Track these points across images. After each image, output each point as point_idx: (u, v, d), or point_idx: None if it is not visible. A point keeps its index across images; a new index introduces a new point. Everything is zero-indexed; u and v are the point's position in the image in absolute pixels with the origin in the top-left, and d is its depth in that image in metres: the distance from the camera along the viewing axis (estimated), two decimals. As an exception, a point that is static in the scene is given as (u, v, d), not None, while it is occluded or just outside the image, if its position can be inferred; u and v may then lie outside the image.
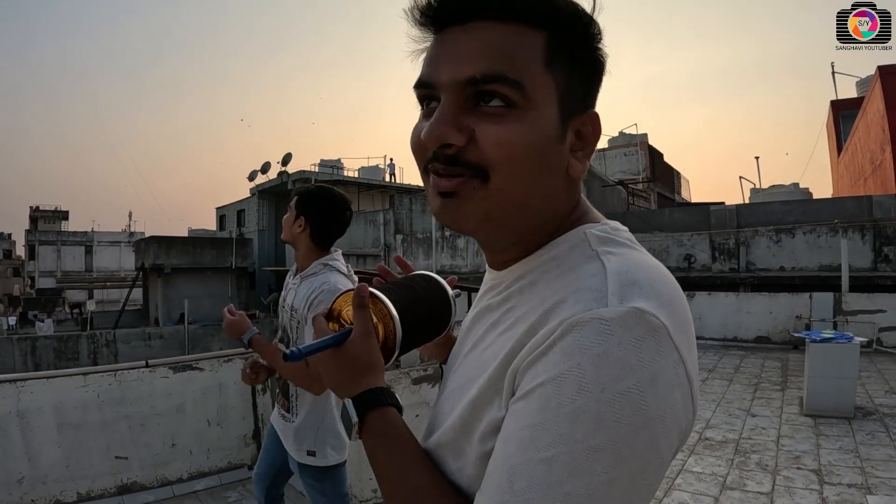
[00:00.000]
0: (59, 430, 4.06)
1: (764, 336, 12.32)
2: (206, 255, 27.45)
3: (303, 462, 2.30)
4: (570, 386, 0.56)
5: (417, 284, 0.92)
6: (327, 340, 0.78)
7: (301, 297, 2.25)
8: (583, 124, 0.71)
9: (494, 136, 0.65)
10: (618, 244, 0.70)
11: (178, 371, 4.60)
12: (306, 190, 2.41)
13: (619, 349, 0.56)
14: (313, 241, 2.34)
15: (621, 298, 0.59)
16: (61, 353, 18.69)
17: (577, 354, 0.57)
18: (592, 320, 0.58)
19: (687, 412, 0.61)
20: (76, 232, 47.51)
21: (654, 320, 0.58)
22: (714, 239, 16.18)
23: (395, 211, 23.44)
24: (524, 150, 0.65)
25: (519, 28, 0.65)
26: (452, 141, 0.65)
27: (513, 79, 0.64)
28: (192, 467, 4.54)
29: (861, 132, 19.36)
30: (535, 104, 0.65)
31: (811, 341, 6.92)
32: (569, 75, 0.67)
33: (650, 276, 0.64)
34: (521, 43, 0.65)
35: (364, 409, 0.76)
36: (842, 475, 4.81)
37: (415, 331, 0.86)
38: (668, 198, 30.29)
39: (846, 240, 13.39)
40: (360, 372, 0.78)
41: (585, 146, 0.71)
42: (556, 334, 0.60)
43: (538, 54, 0.65)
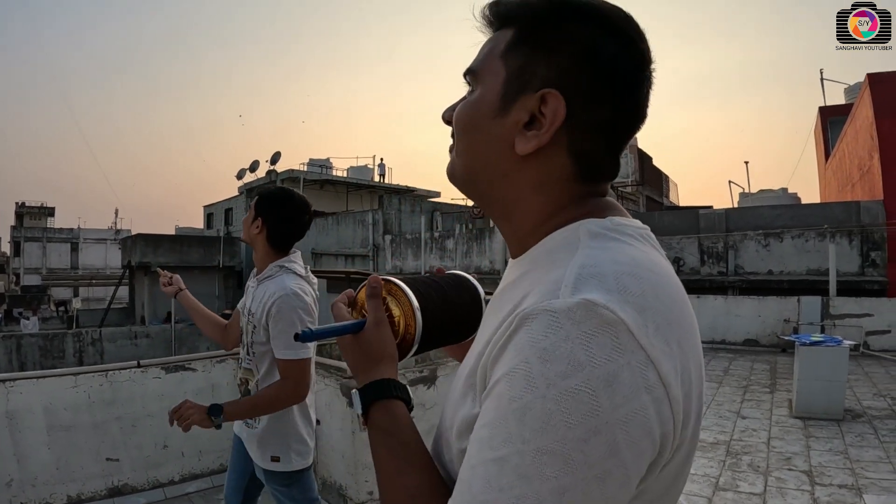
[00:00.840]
0: (49, 432, 4.00)
1: (752, 339, 12.41)
2: (193, 253, 27.28)
3: (268, 468, 2.28)
4: (518, 381, 0.55)
5: (447, 283, 0.92)
6: (340, 327, 0.79)
7: (258, 302, 2.22)
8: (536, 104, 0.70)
9: (455, 112, 0.78)
10: (610, 239, 0.67)
11: (171, 371, 4.55)
12: (266, 191, 2.37)
13: (567, 343, 0.54)
14: (270, 243, 2.29)
15: (574, 290, 0.57)
16: (47, 352, 18.50)
17: (526, 348, 0.56)
18: (542, 312, 0.56)
19: (664, 420, 0.55)
20: (62, 229, 47.04)
21: (607, 314, 0.55)
22: (703, 242, 16.27)
23: (384, 211, 23.42)
24: (463, 120, 0.77)
25: (502, 31, 0.76)
26: (446, 117, 0.81)
27: (472, 68, 0.77)
28: (184, 469, 4.50)
29: (849, 138, 19.52)
30: (480, 84, 0.76)
31: (801, 344, 6.99)
32: (523, 59, 0.72)
33: (623, 270, 0.60)
34: (492, 42, 0.76)
35: (368, 399, 0.77)
36: (832, 476, 4.86)
37: (439, 328, 0.86)
38: (657, 201, 30.47)
39: (834, 244, 13.53)
40: (372, 361, 0.79)
41: (541, 125, 0.70)
42: (511, 328, 0.59)
43: (500, 47, 0.74)
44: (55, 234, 45.92)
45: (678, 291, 0.66)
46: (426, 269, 20.66)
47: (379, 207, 24.01)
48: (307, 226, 2.36)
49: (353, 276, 8.80)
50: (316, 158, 32.31)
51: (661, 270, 0.65)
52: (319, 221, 24.99)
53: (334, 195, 30.63)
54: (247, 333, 2.29)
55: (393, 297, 0.83)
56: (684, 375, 0.59)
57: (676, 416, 0.57)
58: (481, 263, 19.83)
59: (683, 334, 0.61)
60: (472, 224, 21.63)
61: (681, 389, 0.58)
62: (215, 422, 2.11)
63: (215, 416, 2.11)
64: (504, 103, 0.72)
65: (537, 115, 0.70)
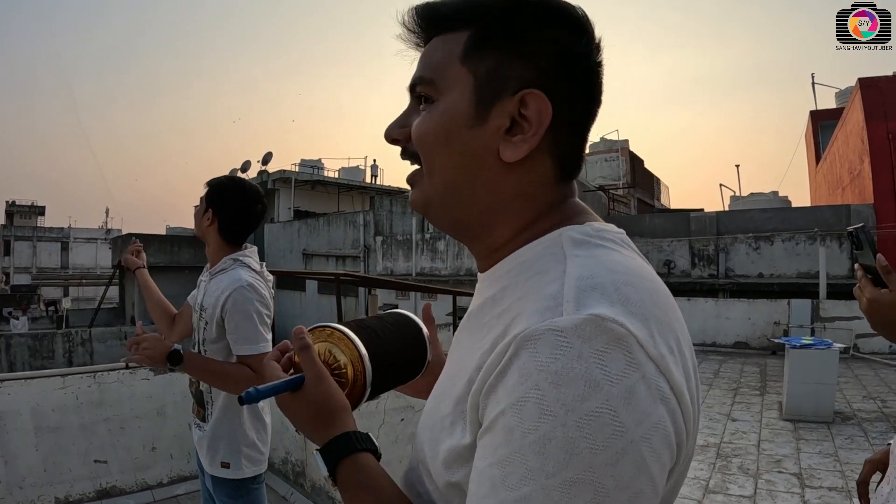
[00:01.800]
0: (37, 433, 3.97)
1: (742, 341, 12.47)
2: (184, 253, 27.11)
3: (216, 475, 2.10)
4: (531, 411, 0.51)
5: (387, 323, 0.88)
6: (284, 383, 0.73)
7: (210, 295, 2.09)
8: (516, 107, 0.67)
9: (415, 128, 0.71)
10: (594, 246, 0.64)
11: (159, 373, 4.51)
12: (216, 181, 2.23)
13: (580, 363, 0.50)
14: (222, 235, 2.16)
15: (578, 305, 0.54)
16: (36, 352, 18.38)
17: (534, 374, 0.51)
18: (546, 332, 0.53)
19: (679, 428, 0.54)
20: (52, 228, 46.77)
21: (617, 328, 0.52)
22: (694, 245, 16.34)
23: (376, 212, 23.35)
24: (433, 135, 0.69)
25: (449, 35, 0.71)
26: (395, 136, 0.74)
27: (427, 77, 0.70)
28: (172, 471, 4.47)
29: (840, 142, 19.65)
30: (444, 95, 0.69)
31: (791, 347, 7.02)
32: (492, 62, 0.68)
33: (620, 280, 0.58)
34: (443, 46, 0.71)
35: (333, 459, 0.72)
36: (822, 478, 4.89)
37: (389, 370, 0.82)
38: (648, 204, 30.53)
39: (824, 248, 13.61)
40: (324, 418, 0.73)
41: (525, 131, 0.67)
42: (511, 352, 0.54)
43: (455, 52, 0.69)
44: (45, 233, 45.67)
45: (668, 296, 0.64)
46: (417, 270, 20.65)
47: (370, 208, 23.93)
48: (261, 216, 2.24)
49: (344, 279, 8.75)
50: (308, 159, 32.20)
51: (650, 276, 0.64)
52: (310, 222, 24.91)
53: (326, 196, 30.53)
54: (198, 330, 2.15)
55: (335, 345, 0.78)
56: (689, 381, 0.58)
57: (688, 424, 0.56)
58: (472, 265, 19.80)
59: (681, 339, 0.60)
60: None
61: (689, 395, 0.57)
62: (171, 368, 1.98)
63: (173, 363, 1.97)
64: (479, 110, 0.68)
65: (518, 119, 0.67)
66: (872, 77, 15.82)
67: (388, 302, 20.13)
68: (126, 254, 2.45)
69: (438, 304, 18.68)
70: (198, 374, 2.08)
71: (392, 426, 4.02)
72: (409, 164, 0.76)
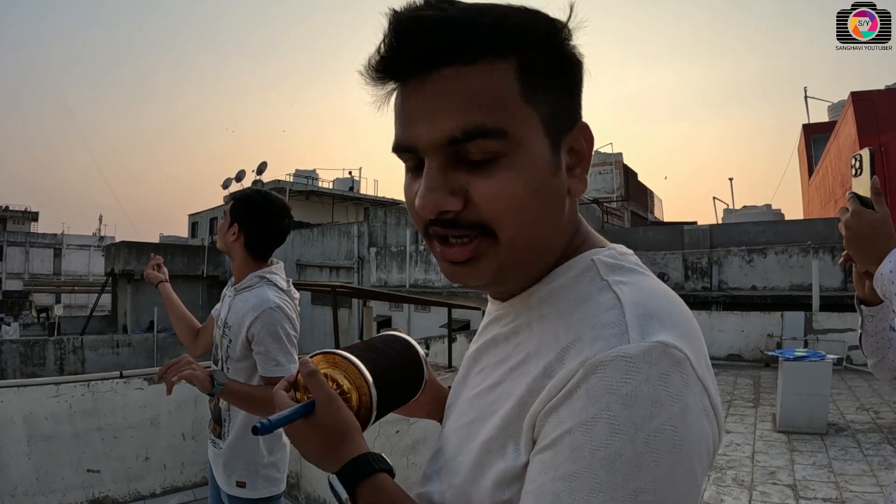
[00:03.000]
0: (30, 442, 3.94)
1: (736, 354, 12.48)
2: (177, 262, 27.03)
3: (232, 494, 2.06)
4: (601, 430, 0.54)
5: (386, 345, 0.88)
6: (296, 410, 0.72)
7: (236, 313, 2.05)
8: (574, 140, 0.66)
9: (489, 192, 0.61)
10: (627, 271, 0.67)
11: (153, 383, 4.49)
12: (241, 195, 2.20)
13: (647, 386, 0.54)
14: (248, 251, 2.12)
15: (642, 333, 0.57)
16: (27, 359, 18.29)
17: (604, 396, 0.54)
18: (616, 359, 0.56)
19: (715, 437, 0.60)
20: (45, 234, 46.54)
21: (677, 353, 0.56)
22: (687, 258, 16.39)
23: (370, 223, 23.33)
24: (523, 196, 0.62)
25: (485, 65, 0.60)
26: (449, 207, 0.62)
27: (493, 128, 0.59)
28: (165, 482, 4.44)
29: (832, 155, 19.78)
30: (522, 144, 0.61)
31: (784, 359, 7.03)
32: (549, 96, 0.63)
33: (665, 307, 0.62)
34: (492, 82, 0.60)
35: (352, 481, 0.70)
36: (816, 490, 4.89)
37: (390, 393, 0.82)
38: (642, 217, 30.67)
39: (817, 260, 13.66)
40: (337, 441, 0.72)
41: (581, 161, 0.67)
42: (579, 376, 0.56)
43: (513, 88, 0.60)
44: (38, 239, 45.43)
45: (692, 314, 0.68)
46: (411, 281, 20.62)
47: (364, 219, 23.92)
48: (287, 231, 2.18)
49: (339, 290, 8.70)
50: (302, 169, 32.23)
51: (678, 299, 0.67)
52: (304, 232, 24.88)
53: (320, 206, 30.53)
54: (221, 347, 2.12)
55: (338, 370, 0.77)
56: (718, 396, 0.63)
57: (721, 435, 0.63)
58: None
59: (708, 358, 0.64)
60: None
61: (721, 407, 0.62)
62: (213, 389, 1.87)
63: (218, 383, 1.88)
64: (554, 154, 0.64)
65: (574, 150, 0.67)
66: (865, 91, 15.95)
67: (382, 314, 20.11)
68: (147, 268, 2.41)
69: (432, 315, 18.66)
70: (235, 400, 2.00)
71: (388, 437, 4.01)
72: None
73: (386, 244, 22.92)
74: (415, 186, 0.65)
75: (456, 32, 0.59)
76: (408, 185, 0.68)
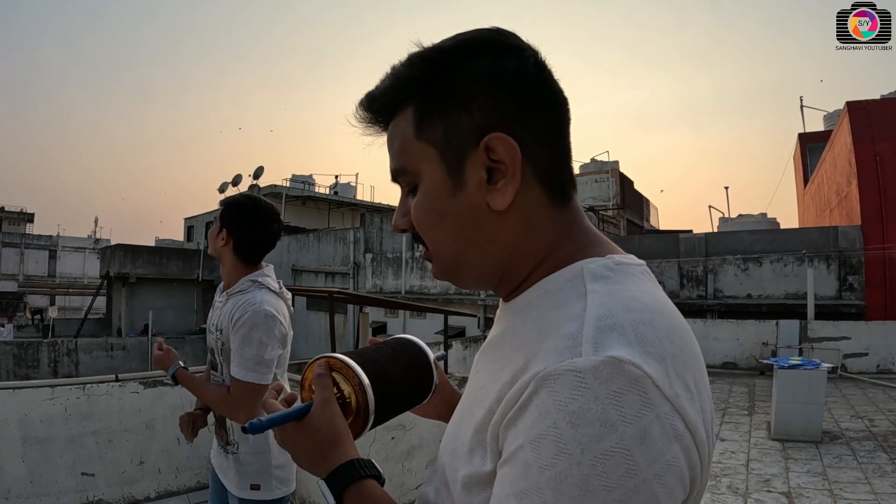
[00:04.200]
0: (24, 444, 3.93)
1: (731, 362, 12.51)
2: (172, 265, 26.96)
3: (246, 498, 2.08)
4: (548, 448, 0.52)
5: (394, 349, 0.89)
6: (290, 412, 0.73)
7: (226, 315, 2.06)
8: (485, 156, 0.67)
9: (412, 214, 0.73)
10: (613, 280, 0.64)
11: (149, 386, 4.49)
12: (231, 200, 2.21)
13: (597, 405, 0.52)
14: (238, 255, 2.12)
15: (596, 346, 0.55)
16: (21, 360, 18.19)
17: (552, 412, 0.53)
18: (566, 373, 0.54)
19: (693, 463, 0.55)
20: (41, 235, 46.27)
21: (634, 370, 0.53)
22: (683, 266, 16.45)
23: (366, 229, 23.31)
24: (425, 217, 0.72)
25: (398, 118, 0.72)
26: (403, 227, 0.75)
27: (400, 168, 0.73)
28: (160, 486, 4.43)
29: (828, 164, 19.88)
30: (420, 175, 0.71)
31: (780, 367, 7.06)
32: (442, 125, 0.68)
33: (639, 319, 0.58)
34: (398, 131, 0.72)
35: (339, 487, 0.71)
36: (811, 498, 4.91)
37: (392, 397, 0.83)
38: (638, 225, 30.70)
39: (812, 269, 13.72)
40: (327, 446, 0.73)
41: (505, 173, 0.67)
42: (531, 388, 0.55)
43: (409, 131, 0.70)
44: (33, 240, 45.23)
45: (685, 328, 0.65)
46: (407, 288, 20.61)
47: (360, 225, 23.89)
48: (277, 235, 2.19)
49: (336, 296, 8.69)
50: (298, 175, 32.17)
51: (668, 311, 0.64)
52: (300, 238, 24.84)
53: (316, 212, 30.46)
54: (216, 351, 2.14)
55: (339, 374, 0.78)
56: (704, 415, 0.59)
57: (703, 458, 0.57)
58: (462, 282, 19.76)
59: (697, 372, 0.61)
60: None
61: (704, 430, 0.57)
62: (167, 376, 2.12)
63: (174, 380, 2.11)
64: (454, 175, 0.68)
65: (492, 166, 0.67)
66: (860, 100, 16.06)
67: (377, 320, 20.07)
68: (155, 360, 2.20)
69: (428, 322, 18.63)
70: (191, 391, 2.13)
71: (383, 444, 4.01)
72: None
73: (382, 250, 22.90)
74: None
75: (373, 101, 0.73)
76: None
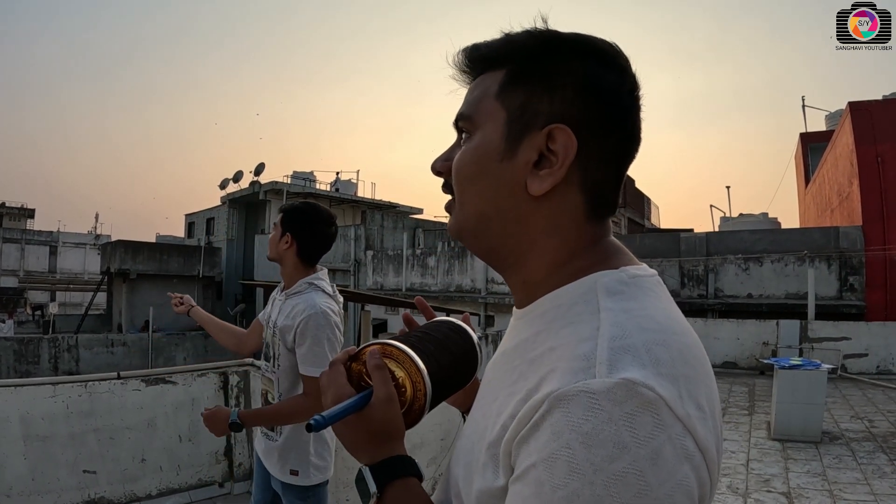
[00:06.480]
0: (26, 442, 3.94)
1: (731, 361, 12.51)
2: (173, 262, 27.01)
3: (286, 482, 2.28)
4: (560, 469, 0.53)
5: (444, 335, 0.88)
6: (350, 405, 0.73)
7: (286, 316, 2.26)
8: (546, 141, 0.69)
9: (454, 161, 0.76)
10: (627, 297, 0.65)
11: (151, 384, 4.50)
12: (292, 206, 2.42)
13: (611, 426, 0.53)
14: (300, 257, 2.34)
15: (610, 368, 0.56)
16: (21, 356, 18.21)
17: (565, 433, 0.54)
18: (579, 394, 0.55)
19: (703, 482, 0.56)
20: (41, 231, 46.23)
21: (647, 393, 0.54)
22: (683, 266, 16.42)
23: (367, 226, 23.33)
24: (466, 166, 0.74)
25: (489, 73, 0.75)
26: (439, 168, 0.79)
27: (468, 114, 0.75)
28: (161, 483, 4.44)
29: (829, 165, 19.86)
30: (480, 127, 0.73)
31: (780, 367, 7.06)
32: (523, 97, 0.71)
33: (652, 339, 0.59)
34: (483, 84, 0.75)
35: (384, 478, 0.72)
36: (811, 498, 4.92)
37: (444, 387, 0.82)
38: (639, 223, 30.68)
39: (813, 269, 13.72)
40: (381, 440, 0.74)
41: (552, 165, 0.68)
42: (544, 408, 0.56)
43: (492, 88, 0.73)
44: (34, 236, 45.20)
45: (698, 345, 0.65)
46: (407, 285, 20.61)
47: (361, 223, 23.90)
48: (334, 238, 2.41)
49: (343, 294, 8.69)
50: (300, 171, 32.12)
51: (681, 328, 0.65)
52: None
53: (317, 208, 30.41)
54: (272, 346, 2.33)
55: (393, 361, 0.78)
56: (716, 432, 0.60)
57: (713, 476, 0.58)
58: (462, 282, 19.83)
59: (708, 391, 0.61)
60: (453, 242, 21.63)
61: (714, 448, 0.58)
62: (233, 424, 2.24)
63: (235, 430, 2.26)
64: (510, 144, 0.70)
65: (546, 153, 0.69)
66: (863, 101, 16.03)
67: (377, 317, 20.09)
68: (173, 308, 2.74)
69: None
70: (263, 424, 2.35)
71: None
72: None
73: (383, 247, 22.91)
74: None
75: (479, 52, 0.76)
76: None
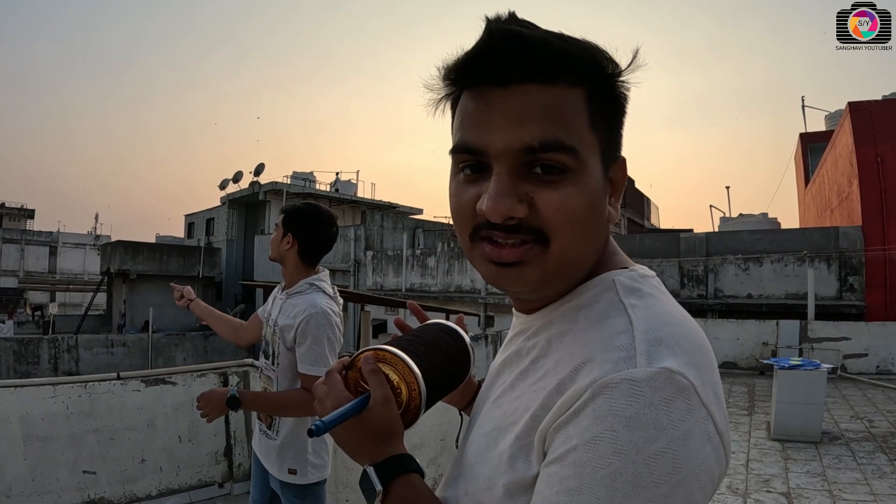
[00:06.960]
0: (26, 442, 3.94)
1: (731, 362, 12.50)
2: (172, 262, 27.01)
3: (284, 480, 2.31)
4: (604, 449, 0.57)
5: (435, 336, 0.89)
6: (349, 409, 0.74)
7: (287, 315, 2.28)
8: (615, 171, 0.72)
9: (555, 203, 0.65)
10: (644, 294, 0.70)
11: (151, 384, 4.50)
12: (293, 207, 2.43)
13: (651, 410, 0.57)
14: (301, 257, 2.35)
15: (649, 359, 0.60)
16: (21, 357, 18.17)
17: (609, 417, 0.57)
18: (623, 382, 0.58)
19: (720, 462, 0.61)
20: (41, 231, 46.21)
21: (682, 380, 0.59)
22: (683, 266, 16.41)
23: (367, 227, 23.32)
24: (582, 212, 0.66)
25: (563, 88, 0.65)
26: (517, 214, 0.65)
27: (569, 145, 0.64)
28: (161, 484, 4.44)
29: (829, 165, 19.85)
30: (586, 165, 0.66)
31: (780, 368, 7.06)
32: (604, 127, 0.69)
33: (676, 332, 0.64)
34: (568, 105, 0.65)
35: (389, 475, 0.74)
36: (810, 498, 4.92)
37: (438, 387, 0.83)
38: (639, 224, 30.67)
39: (813, 269, 13.71)
40: (381, 440, 0.75)
41: (616, 191, 0.73)
42: (587, 396, 0.60)
43: (583, 114, 0.66)
44: (34, 236, 45.18)
45: (706, 339, 0.69)
46: (407, 286, 20.60)
47: (361, 223, 23.90)
48: (335, 239, 2.43)
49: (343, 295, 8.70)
50: (300, 172, 32.08)
51: (691, 324, 0.69)
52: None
53: (317, 209, 30.37)
54: (272, 344, 2.35)
55: (387, 365, 0.79)
56: (726, 420, 0.64)
57: (728, 458, 0.63)
58: (462, 282, 19.82)
59: (719, 380, 0.66)
60: (453, 242, 21.64)
61: (728, 433, 0.63)
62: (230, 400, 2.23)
63: (233, 407, 2.23)
64: (605, 178, 0.71)
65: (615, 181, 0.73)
66: (862, 101, 16.02)
67: (377, 317, 20.08)
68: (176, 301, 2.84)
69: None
70: (260, 408, 2.37)
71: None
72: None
73: (382, 248, 22.90)
74: (470, 190, 0.69)
75: (546, 52, 0.64)
76: (459, 187, 0.71)
